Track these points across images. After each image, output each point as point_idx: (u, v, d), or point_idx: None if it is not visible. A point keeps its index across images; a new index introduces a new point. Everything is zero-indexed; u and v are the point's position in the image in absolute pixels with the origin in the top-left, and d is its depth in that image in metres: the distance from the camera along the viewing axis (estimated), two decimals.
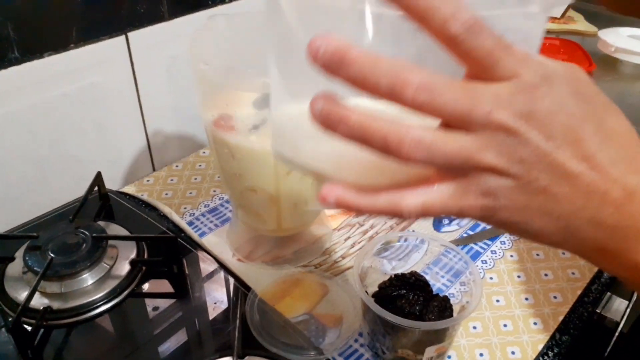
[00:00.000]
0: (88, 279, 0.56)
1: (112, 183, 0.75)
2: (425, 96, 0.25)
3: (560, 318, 0.55)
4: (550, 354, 0.52)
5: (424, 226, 0.68)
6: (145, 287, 0.58)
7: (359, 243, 0.65)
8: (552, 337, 0.54)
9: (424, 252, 0.57)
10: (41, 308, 0.53)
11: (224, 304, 0.57)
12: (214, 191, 0.73)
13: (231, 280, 0.59)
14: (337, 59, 0.25)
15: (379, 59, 0.25)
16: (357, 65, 0.24)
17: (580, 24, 1.12)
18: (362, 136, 0.26)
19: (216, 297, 0.57)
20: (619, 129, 0.28)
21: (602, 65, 0.94)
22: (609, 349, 0.63)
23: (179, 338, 0.53)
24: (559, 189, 0.26)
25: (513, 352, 0.52)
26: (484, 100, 0.25)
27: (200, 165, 0.79)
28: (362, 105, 0.26)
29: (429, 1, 0.24)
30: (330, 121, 0.26)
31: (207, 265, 0.61)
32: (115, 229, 0.63)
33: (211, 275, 0.60)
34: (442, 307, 0.50)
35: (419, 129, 0.25)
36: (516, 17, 0.30)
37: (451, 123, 0.26)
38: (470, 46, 0.25)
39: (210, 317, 0.55)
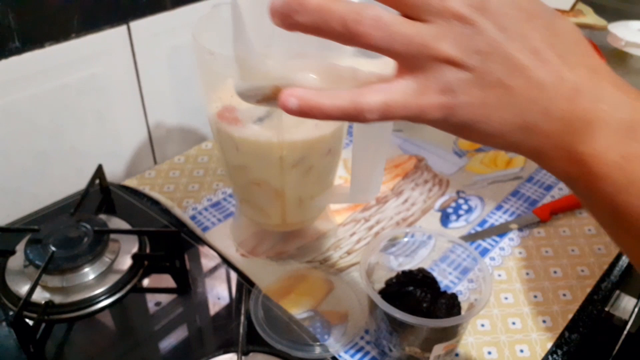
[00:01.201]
0: (90, 273, 0.55)
1: (113, 176, 0.74)
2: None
3: (570, 316, 0.54)
4: (559, 352, 0.51)
5: (431, 222, 0.67)
6: (147, 281, 0.58)
7: (364, 239, 0.64)
8: (561, 335, 0.53)
9: (431, 248, 0.56)
10: (43, 302, 0.52)
11: (227, 300, 0.56)
12: (217, 185, 0.72)
13: (234, 276, 0.58)
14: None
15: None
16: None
17: (590, 17, 1.10)
18: (322, 20, 0.26)
19: (219, 293, 0.56)
20: (567, 29, 0.29)
21: (612, 59, 0.92)
22: (617, 348, 0.62)
23: (182, 334, 0.52)
24: (513, 81, 0.27)
25: (522, 350, 0.51)
26: None
27: (202, 159, 0.78)
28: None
29: None
30: (289, 11, 0.26)
31: (210, 260, 0.60)
32: (116, 223, 0.62)
33: (214, 270, 0.59)
34: (450, 305, 0.49)
35: (377, 8, 0.26)
36: None
37: (408, 12, 0.26)
38: None
39: (213, 313, 0.55)
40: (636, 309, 0.61)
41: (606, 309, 0.59)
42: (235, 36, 0.36)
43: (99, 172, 0.67)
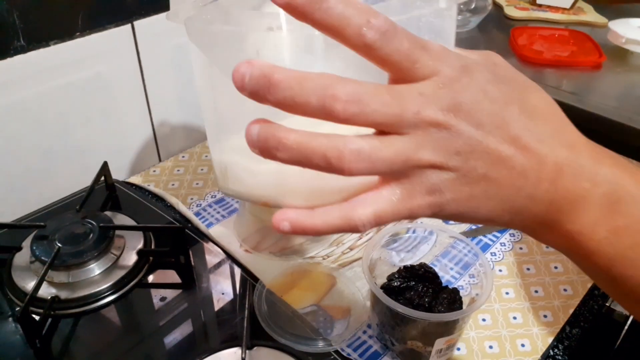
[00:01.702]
0: (95, 269, 0.56)
1: (118, 173, 0.74)
2: (354, 109, 0.24)
3: (571, 311, 0.55)
4: (561, 347, 0.52)
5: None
6: (152, 277, 0.58)
7: (366, 234, 0.65)
8: (562, 330, 0.53)
9: (432, 243, 0.56)
10: (49, 298, 0.53)
11: (231, 295, 0.56)
12: None
13: (238, 271, 0.59)
14: (264, 83, 0.24)
15: (304, 77, 0.24)
16: (284, 86, 0.24)
17: (590, 14, 1.11)
18: (303, 157, 0.25)
19: (223, 288, 0.57)
20: (541, 105, 0.29)
21: (612, 56, 0.93)
22: (618, 342, 0.63)
23: (186, 329, 0.53)
24: (497, 173, 0.27)
25: (523, 345, 0.52)
26: (411, 102, 0.26)
27: (206, 156, 0.78)
28: (297, 125, 0.26)
29: (339, 14, 0.24)
30: (268, 146, 0.25)
31: (214, 256, 0.61)
32: (122, 219, 0.63)
33: (218, 266, 0.60)
34: (451, 299, 0.50)
35: (356, 140, 0.25)
36: (426, 16, 0.31)
37: (385, 129, 0.26)
38: (388, 51, 0.25)
39: (218, 308, 0.55)
40: None
41: (607, 304, 0.59)
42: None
43: (104, 169, 0.68)
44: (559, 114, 0.30)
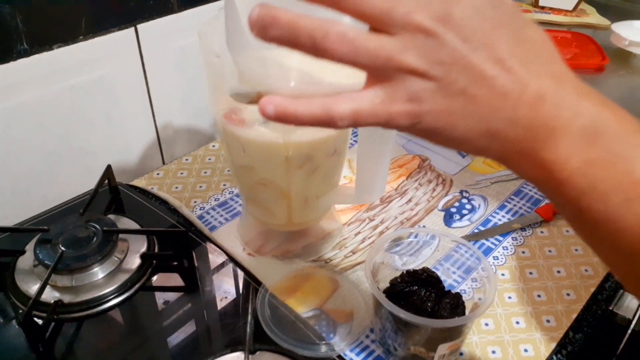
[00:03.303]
0: (99, 272, 0.56)
1: (121, 176, 0.74)
2: (348, 3, 0.27)
3: (574, 316, 0.55)
4: (564, 352, 0.52)
5: (435, 222, 0.68)
6: (156, 280, 0.58)
7: (369, 238, 0.65)
8: (566, 335, 0.53)
9: (435, 247, 0.56)
10: (52, 302, 0.53)
11: (234, 299, 0.56)
12: (224, 185, 0.73)
13: (241, 275, 0.59)
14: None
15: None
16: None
17: (593, 17, 1.10)
18: (292, 35, 0.27)
19: (226, 292, 0.57)
20: (534, 36, 0.29)
21: (615, 58, 0.92)
22: (621, 347, 0.63)
23: (190, 332, 0.53)
24: (476, 90, 0.28)
25: (526, 350, 0.52)
26: (403, 2, 0.27)
27: (210, 159, 0.78)
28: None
29: None
30: (264, 24, 0.27)
31: (217, 259, 0.61)
32: (125, 223, 0.63)
33: (221, 269, 0.60)
34: (454, 304, 0.50)
35: (343, 25, 0.27)
36: None
37: (374, 26, 0.27)
38: None
39: (221, 312, 0.55)
40: None
41: (610, 307, 0.59)
42: (230, 38, 0.38)
43: (108, 172, 0.68)
44: (552, 49, 0.30)
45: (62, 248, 0.56)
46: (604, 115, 0.29)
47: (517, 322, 0.54)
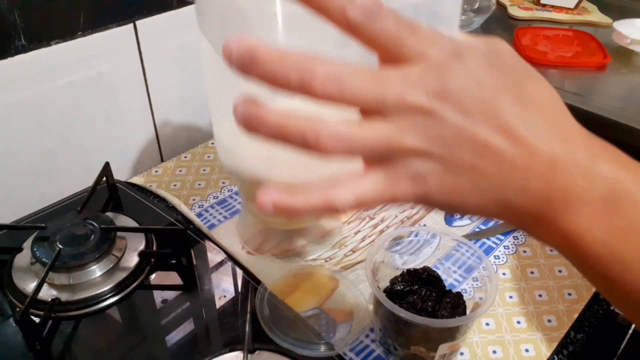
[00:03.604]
0: (96, 270, 0.55)
1: (120, 173, 0.74)
2: (334, 87, 0.24)
3: (575, 315, 0.54)
4: (565, 352, 0.52)
5: (436, 220, 0.67)
6: (154, 279, 0.58)
7: (369, 237, 0.64)
8: (567, 334, 0.53)
9: (435, 246, 0.56)
10: (49, 300, 0.52)
11: (233, 298, 0.56)
12: (223, 183, 0.73)
13: (240, 273, 0.59)
14: (248, 58, 0.24)
15: (286, 54, 0.24)
16: (266, 62, 0.24)
17: (595, 15, 1.10)
18: (282, 135, 0.25)
19: (225, 291, 0.57)
20: (540, 95, 0.27)
21: (617, 57, 0.92)
22: (622, 347, 0.62)
23: (188, 331, 0.52)
24: (483, 164, 0.26)
25: (527, 350, 0.51)
26: (395, 84, 0.25)
27: (209, 157, 0.78)
28: (284, 105, 0.26)
29: None
30: (251, 123, 0.25)
31: (216, 258, 0.61)
32: (123, 220, 0.63)
33: (220, 267, 0.60)
34: (455, 304, 0.50)
35: (335, 122, 0.25)
36: (426, 1, 0.31)
37: (368, 111, 0.26)
38: (372, 31, 0.25)
39: (219, 311, 0.55)
40: None
41: (611, 307, 0.59)
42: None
43: (106, 169, 0.67)
44: (559, 106, 0.28)
45: (60, 246, 0.56)
46: (620, 178, 0.27)
47: (518, 322, 0.54)
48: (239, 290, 0.57)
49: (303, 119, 0.25)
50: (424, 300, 0.50)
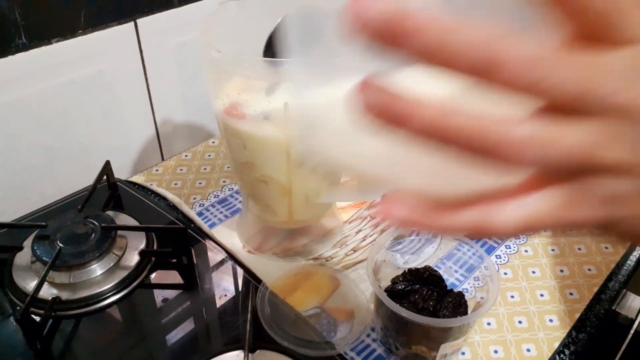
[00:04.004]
0: (97, 269, 0.55)
1: (120, 172, 0.74)
2: (529, 73, 0.18)
3: (577, 315, 0.54)
4: (567, 351, 0.51)
5: None
6: (155, 278, 0.58)
7: (370, 236, 0.64)
8: (569, 334, 0.53)
9: (437, 246, 0.56)
10: (50, 298, 0.52)
11: (233, 297, 0.56)
12: (224, 181, 0.73)
13: (241, 272, 0.59)
14: (398, 25, 0.18)
15: (456, 26, 0.18)
16: (427, 34, 0.17)
17: None
18: (439, 136, 0.19)
19: (226, 290, 0.57)
20: None
21: None
22: (624, 347, 0.62)
23: (189, 330, 0.52)
24: None
25: (528, 350, 0.51)
26: (607, 76, 0.18)
27: (209, 155, 0.78)
28: (408, 82, 0.20)
29: None
30: (389, 116, 0.19)
31: (216, 257, 0.60)
32: (124, 219, 0.62)
33: (221, 266, 0.59)
34: (456, 303, 0.49)
35: (524, 124, 0.19)
36: None
37: (559, 107, 0.19)
38: None
39: (220, 310, 0.55)
40: None
41: (613, 307, 0.59)
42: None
43: (107, 168, 0.67)
44: None
45: (60, 244, 0.56)
46: None
47: (520, 322, 0.54)
48: (240, 289, 0.57)
49: (470, 117, 0.19)
50: (426, 299, 0.49)
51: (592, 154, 0.19)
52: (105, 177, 0.67)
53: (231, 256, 0.60)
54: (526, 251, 0.62)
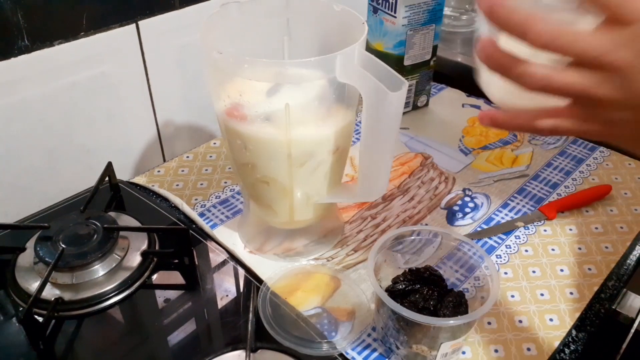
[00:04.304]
0: (99, 270, 0.56)
1: (122, 173, 0.74)
2: (547, 37, 0.31)
3: (577, 314, 0.54)
4: (567, 351, 0.52)
5: (437, 220, 0.67)
6: (156, 278, 0.58)
7: (371, 236, 0.64)
8: (569, 333, 0.53)
9: (437, 245, 0.56)
10: (52, 299, 0.53)
11: (235, 297, 0.56)
12: (225, 182, 0.73)
13: (242, 273, 0.59)
14: (490, 9, 0.32)
15: (512, 11, 0.32)
16: (500, 14, 0.32)
17: None
18: (501, 69, 0.34)
19: (227, 290, 0.57)
20: None
21: None
22: (624, 346, 0.62)
23: (190, 330, 0.53)
24: None
25: (529, 349, 0.51)
26: (603, 43, 0.30)
27: (211, 156, 0.78)
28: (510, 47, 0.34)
29: None
30: (487, 59, 0.34)
31: (218, 257, 0.61)
32: (126, 220, 0.63)
33: (222, 267, 0.60)
34: (457, 303, 0.50)
35: (537, 65, 0.32)
36: None
37: (579, 62, 0.31)
38: None
39: (222, 310, 0.55)
40: None
41: (613, 306, 0.59)
42: None
43: (109, 169, 0.67)
44: None
45: (63, 245, 0.56)
46: None
47: (520, 321, 0.54)
48: (241, 289, 0.57)
49: (516, 60, 0.33)
50: (426, 299, 0.50)
51: (585, 89, 0.31)
52: (107, 179, 0.68)
53: (232, 257, 0.61)
54: (526, 251, 0.62)
